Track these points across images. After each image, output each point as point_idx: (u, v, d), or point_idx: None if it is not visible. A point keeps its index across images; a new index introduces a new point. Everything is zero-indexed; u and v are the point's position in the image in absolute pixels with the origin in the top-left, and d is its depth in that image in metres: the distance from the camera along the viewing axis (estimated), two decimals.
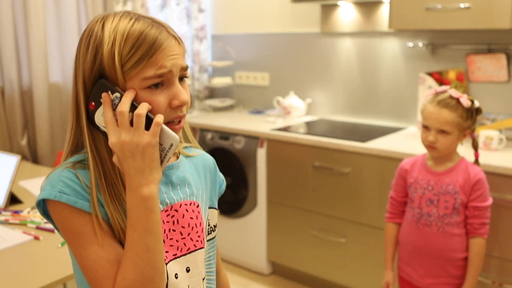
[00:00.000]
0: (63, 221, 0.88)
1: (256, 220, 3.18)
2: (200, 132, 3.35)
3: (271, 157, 3.04)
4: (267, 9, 3.65)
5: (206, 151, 1.16)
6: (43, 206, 0.90)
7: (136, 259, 0.85)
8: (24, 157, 3.02)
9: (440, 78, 2.83)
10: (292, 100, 3.43)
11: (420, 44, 2.91)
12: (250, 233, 3.24)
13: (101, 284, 0.86)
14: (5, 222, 1.89)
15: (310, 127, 3.20)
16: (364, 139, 2.71)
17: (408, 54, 3.01)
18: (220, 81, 3.88)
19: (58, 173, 0.89)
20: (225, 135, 3.23)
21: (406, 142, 2.63)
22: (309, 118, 3.43)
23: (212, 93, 4.10)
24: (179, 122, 0.94)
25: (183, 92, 0.92)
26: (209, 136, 3.30)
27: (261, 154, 3.07)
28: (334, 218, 2.81)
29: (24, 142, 3.05)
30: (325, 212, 2.85)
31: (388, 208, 2.02)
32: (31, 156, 3.11)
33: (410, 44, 2.95)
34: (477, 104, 1.79)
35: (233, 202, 3.28)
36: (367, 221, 2.67)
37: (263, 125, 3.21)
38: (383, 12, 3.02)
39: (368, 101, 3.24)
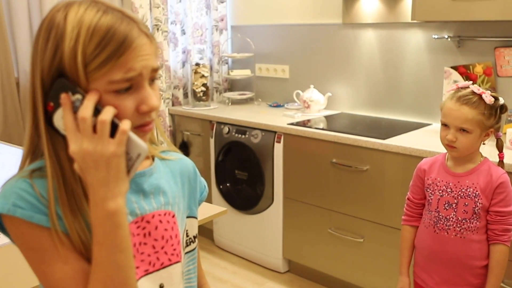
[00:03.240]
0: (21, 237, 0.80)
1: (272, 216, 3.10)
2: (217, 125, 3.28)
3: (288, 152, 2.95)
4: None
5: (223, 145, 1.07)
6: None
7: (106, 278, 0.77)
8: None
9: (466, 72, 2.69)
10: (312, 94, 3.32)
11: (446, 36, 2.76)
12: (266, 230, 3.16)
13: None
14: None
15: (330, 121, 3.09)
16: (384, 136, 2.59)
17: (433, 46, 2.86)
18: (239, 73, 3.80)
19: (12, 183, 0.81)
20: (242, 129, 3.15)
21: (429, 139, 2.50)
22: (329, 112, 3.32)
23: (232, 85, 4.02)
24: (148, 125, 0.85)
25: (153, 97, 0.82)
26: (225, 129, 3.22)
27: (278, 149, 2.98)
28: (351, 217, 2.71)
29: None
30: (342, 210, 2.74)
31: (405, 210, 1.91)
32: None
33: (435, 36, 2.80)
34: (501, 101, 1.66)
35: (249, 198, 3.20)
36: (386, 221, 2.55)
37: (281, 119, 3.12)
38: (407, 2, 2.88)
39: (391, 95, 3.11)
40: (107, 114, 0.77)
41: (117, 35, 0.78)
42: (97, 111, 0.78)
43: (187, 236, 1.00)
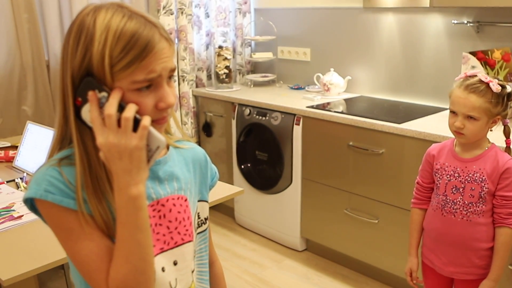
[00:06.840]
0: (52, 218, 0.91)
1: (291, 196, 3.19)
2: (239, 107, 3.37)
3: (307, 135, 3.02)
4: None
5: (244, 126, 1.14)
6: (31, 202, 0.92)
7: (129, 254, 0.88)
8: None
9: (484, 58, 2.71)
10: (332, 77, 3.37)
11: (465, 21, 2.78)
12: (285, 209, 3.26)
13: (95, 277, 0.89)
14: None
15: (349, 105, 3.14)
16: (400, 120, 2.64)
17: (452, 31, 2.88)
18: (262, 56, 3.86)
19: (43, 171, 0.91)
20: (263, 111, 3.23)
21: (444, 124, 2.49)
22: (349, 96, 3.37)
23: (254, 67, 4.09)
24: (164, 118, 0.95)
25: (170, 95, 0.92)
26: (247, 111, 3.31)
27: (297, 131, 3.06)
28: (367, 199, 2.79)
29: None
30: (358, 192, 2.82)
31: (414, 194, 1.98)
32: None
33: (455, 21, 2.82)
34: (509, 89, 1.70)
35: (268, 178, 3.30)
36: (399, 203, 2.62)
37: (301, 101, 3.19)
38: None
39: (410, 80, 3.15)
40: (130, 111, 0.86)
41: (141, 40, 0.87)
42: (120, 107, 0.87)
43: (198, 218, 1.10)
